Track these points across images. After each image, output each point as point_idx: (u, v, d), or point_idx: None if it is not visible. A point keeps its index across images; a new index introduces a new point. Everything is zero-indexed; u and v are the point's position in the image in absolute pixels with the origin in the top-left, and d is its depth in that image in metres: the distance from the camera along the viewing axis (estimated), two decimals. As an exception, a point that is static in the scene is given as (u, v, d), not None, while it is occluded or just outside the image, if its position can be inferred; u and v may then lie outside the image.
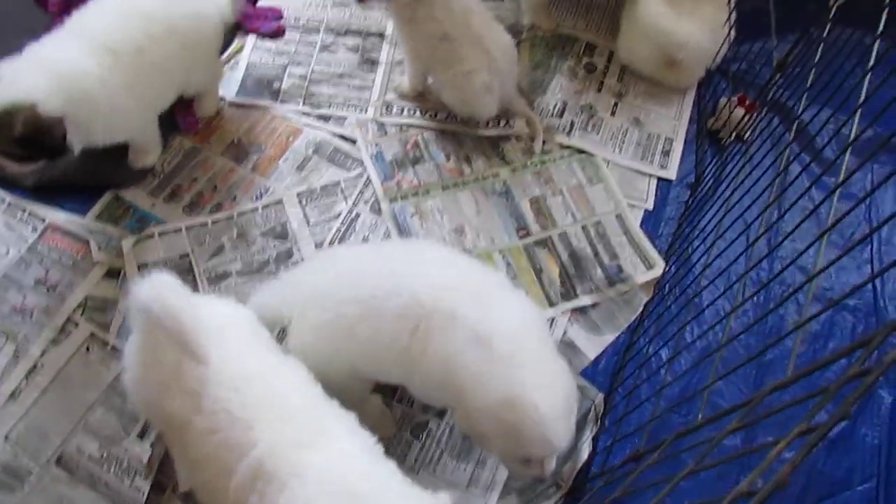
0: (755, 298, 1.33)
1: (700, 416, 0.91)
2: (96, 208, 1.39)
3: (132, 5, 1.25)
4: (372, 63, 1.60)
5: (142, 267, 1.32)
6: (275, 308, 1.09)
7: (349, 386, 1.02)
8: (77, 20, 1.23)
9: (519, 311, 0.97)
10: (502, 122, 1.52)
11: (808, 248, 0.79)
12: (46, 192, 1.39)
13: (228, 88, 1.54)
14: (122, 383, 1.04)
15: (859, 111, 0.87)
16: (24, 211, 1.37)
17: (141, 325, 0.94)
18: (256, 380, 0.89)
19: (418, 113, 1.54)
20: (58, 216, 1.37)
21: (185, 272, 1.32)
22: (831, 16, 1.14)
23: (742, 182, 1.17)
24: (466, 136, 1.51)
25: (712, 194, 1.34)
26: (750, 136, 1.41)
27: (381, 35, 1.64)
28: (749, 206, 1.10)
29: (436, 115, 1.53)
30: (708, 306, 1.28)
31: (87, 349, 1.25)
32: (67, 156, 1.26)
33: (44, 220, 1.37)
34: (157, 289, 0.90)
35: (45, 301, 1.29)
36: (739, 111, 1.43)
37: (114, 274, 1.32)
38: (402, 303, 0.95)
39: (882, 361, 0.43)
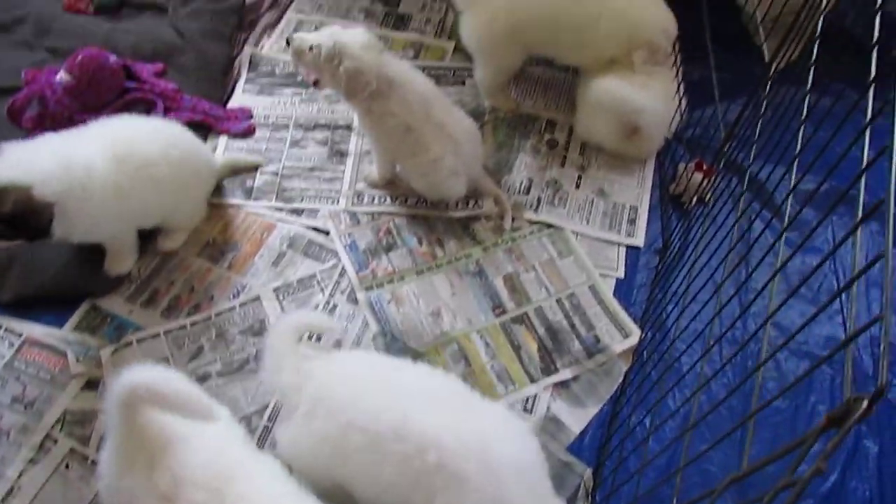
0: (733, 358, 1.35)
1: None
2: (74, 319, 1.40)
3: (156, 128, 1.39)
4: (341, 154, 1.66)
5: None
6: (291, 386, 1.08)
7: (333, 495, 1.02)
8: (102, 125, 1.35)
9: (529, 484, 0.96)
10: (471, 203, 1.58)
11: (779, 307, 0.82)
12: (24, 305, 1.41)
13: (202, 189, 1.59)
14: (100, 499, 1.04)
15: (804, 163, 0.92)
16: (0, 327, 1.39)
17: (115, 428, 0.95)
18: (234, 481, 0.89)
19: (389, 200, 1.59)
20: (35, 329, 1.39)
21: (165, 377, 1.32)
22: (770, 77, 1.21)
23: (708, 244, 1.22)
24: (437, 219, 1.56)
25: (680, 258, 1.39)
26: (711, 198, 1.46)
27: (349, 127, 1.71)
28: (717, 267, 1.13)
29: (406, 201, 1.58)
30: (688, 371, 1.30)
31: (67, 466, 1.24)
32: (45, 270, 1.30)
33: (21, 335, 1.38)
34: (142, 370, 0.92)
35: (23, 419, 1.28)
36: (698, 176, 1.50)
37: (93, 385, 1.32)
38: (408, 451, 0.94)
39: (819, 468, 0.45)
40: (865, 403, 0.48)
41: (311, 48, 1.36)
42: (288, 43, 1.40)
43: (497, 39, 1.60)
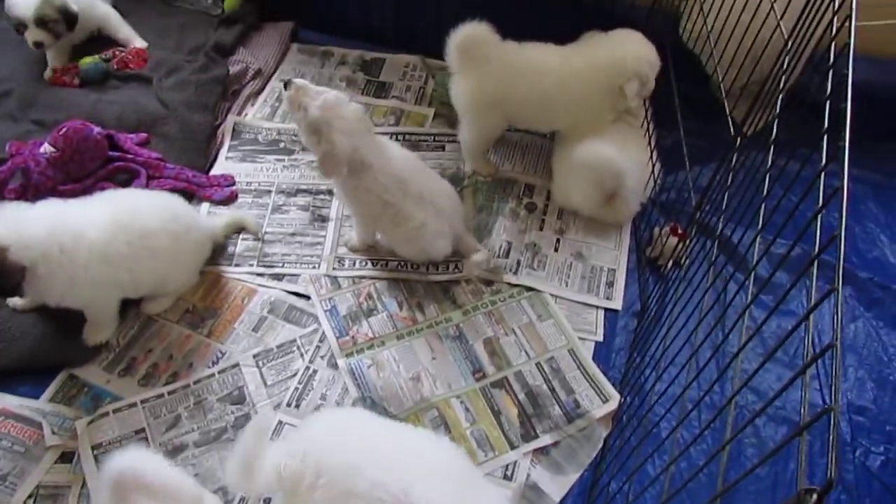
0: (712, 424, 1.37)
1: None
2: (50, 389, 1.41)
3: (160, 201, 1.46)
4: (322, 219, 1.71)
5: (96, 447, 1.33)
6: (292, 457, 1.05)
7: None
8: (107, 196, 1.45)
9: None
10: (451, 267, 1.61)
11: (756, 371, 0.85)
12: (0, 377, 1.42)
13: (183, 256, 1.62)
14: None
15: (774, 225, 0.96)
16: (-25, 400, 1.39)
17: None
18: None
19: (370, 264, 1.62)
20: (10, 401, 1.39)
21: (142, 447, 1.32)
22: (738, 142, 1.27)
23: (684, 307, 1.25)
24: (418, 282, 1.59)
25: (658, 321, 1.42)
26: (686, 261, 1.51)
27: (330, 192, 1.76)
28: (693, 330, 1.17)
29: (387, 265, 1.62)
30: (667, 437, 1.31)
31: (35, 543, 1.23)
32: (23, 339, 1.32)
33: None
34: (130, 457, 0.93)
35: (-4, 495, 1.28)
36: (673, 240, 1.55)
37: (67, 457, 1.32)
38: None
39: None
40: (815, 497, 0.51)
41: (301, 107, 1.41)
42: (286, 86, 1.45)
43: (482, 106, 1.68)
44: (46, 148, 1.61)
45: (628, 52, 1.59)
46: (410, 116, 1.97)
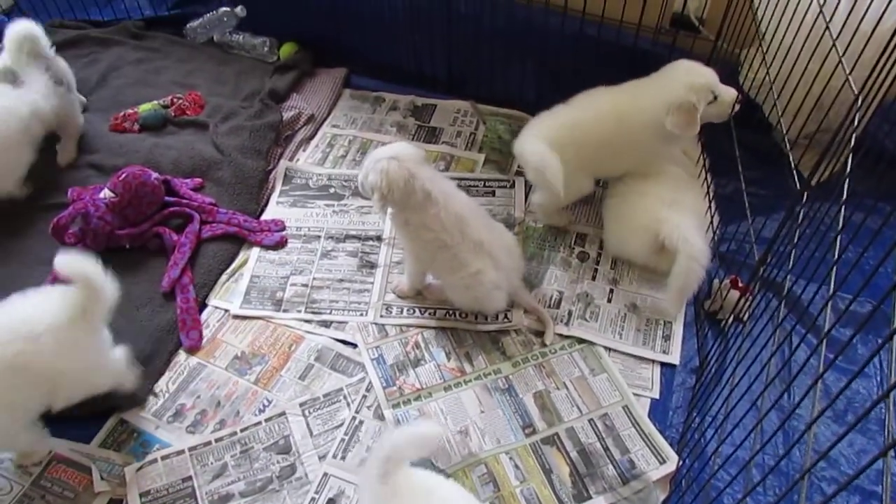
0: (776, 488, 1.32)
1: None
2: (101, 434, 1.45)
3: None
4: (371, 266, 1.73)
5: (144, 495, 1.35)
6: None
7: None
8: None
9: None
10: (500, 317, 1.61)
11: (833, 445, 0.81)
12: (53, 421, 1.46)
13: (233, 301, 1.66)
14: None
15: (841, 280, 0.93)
16: (29, 442, 1.44)
17: None
18: None
19: (417, 312, 1.64)
20: (62, 446, 1.43)
21: (189, 498, 1.35)
22: (806, 193, 1.24)
23: (748, 366, 1.22)
24: (466, 332, 1.60)
25: (718, 379, 1.39)
26: (748, 316, 1.47)
27: (379, 238, 1.79)
28: (758, 391, 1.13)
29: (435, 313, 1.63)
30: (730, 504, 1.27)
31: (83, 591, 1.25)
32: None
33: (49, 452, 1.42)
34: None
35: (44, 540, 1.31)
36: (734, 294, 1.51)
37: (115, 503, 1.35)
38: None
39: None
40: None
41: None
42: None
43: (567, 171, 1.60)
44: (106, 193, 1.69)
45: (674, 81, 1.57)
46: (461, 162, 2.00)
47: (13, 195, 1.79)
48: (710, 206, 1.61)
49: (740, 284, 1.51)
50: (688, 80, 1.55)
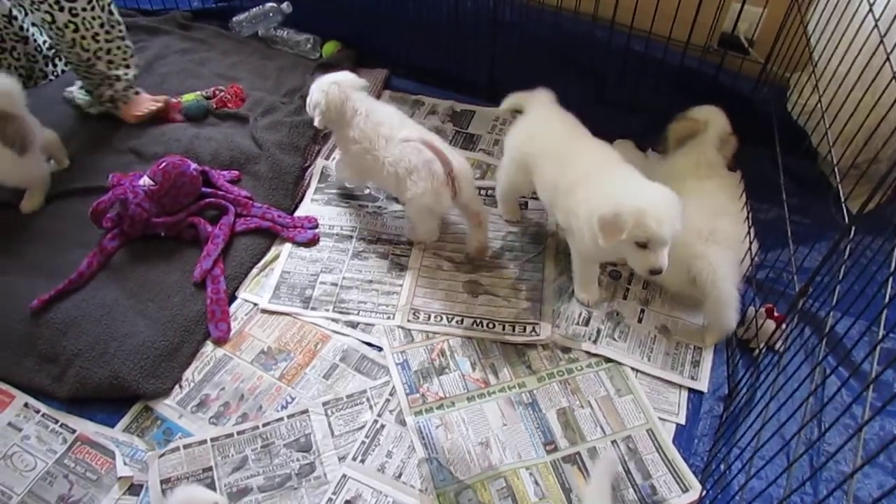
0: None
1: None
2: (125, 419, 1.47)
3: None
4: (401, 269, 1.74)
5: (165, 482, 1.36)
6: None
7: None
8: None
9: None
10: (528, 329, 1.60)
11: (852, 473, 0.79)
12: (80, 403, 1.49)
13: (262, 295, 1.68)
14: None
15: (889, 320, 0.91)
16: (56, 422, 1.46)
17: None
18: None
19: (444, 319, 1.63)
20: (88, 427, 1.46)
21: (207, 487, 1.35)
22: (853, 225, 1.21)
23: (777, 396, 1.20)
24: (493, 343, 1.59)
25: (747, 409, 1.36)
26: (782, 347, 1.44)
27: (411, 243, 1.79)
28: (786, 422, 1.11)
29: (462, 322, 1.62)
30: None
31: (100, 574, 1.27)
32: (106, 367, 1.38)
33: (74, 432, 1.45)
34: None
35: (65, 520, 1.33)
36: (770, 324, 1.48)
37: (136, 490, 1.37)
38: None
39: None
40: None
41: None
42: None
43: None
44: (145, 180, 1.71)
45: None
46: (496, 171, 1.99)
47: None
48: (749, 231, 1.58)
49: (776, 314, 1.48)
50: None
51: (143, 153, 1.93)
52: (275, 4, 2.33)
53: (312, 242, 1.79)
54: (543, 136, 1.63)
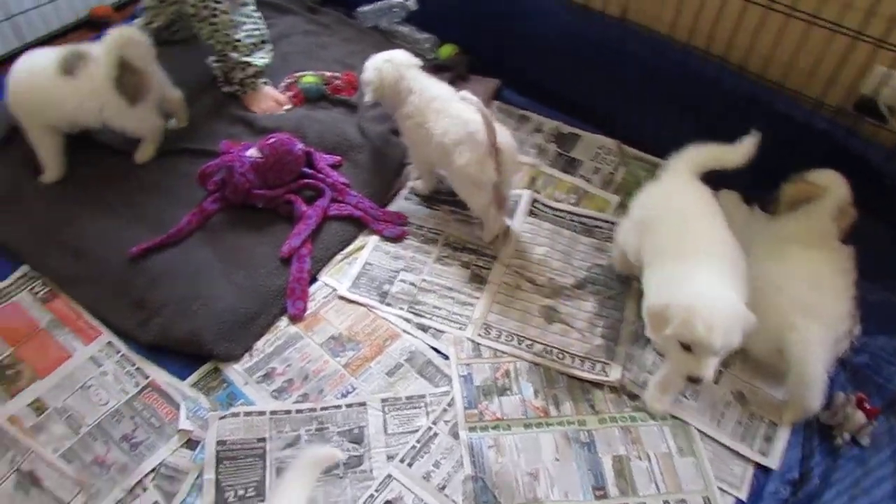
0: None
1: None
2: (195, 375, 1.54)
3: None
4: (481, 281, 1.73)
5: (220, 444, 1.41)
6: None
7: None
8: None
9: None
10: (597, 367, 1.56)
11: None
12: (158, 351, 1.56)
13: (342, 282, 1.71)
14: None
15: None
16: (133, 365, 1.54)
17: None
18: None
19: (516, 340, 1.62)
20: (161, 376, 1.53)
21: (258, 459, 1.39)
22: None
23: (855, 494, 1.12)
24: (560, 374, 1.56)
25: (817, 500, 1.28)
26: (868, 442, 1.35)
27: (494, 257, 1.78)
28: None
29: (532, 346, 1.60)
30: None
31: (147, 518, 1.32)
32: (186, 322, 1.45)
33: (147, 377, 1.52)
34: None
35: (125, 459, 1.40)
36: (859, 416, 1.39)
37: (192, 445, 1.42)
38: None
39: None
40: None
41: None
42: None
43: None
44: (253, 153, 1.78)
45: None
46: (593, 199, 1.96)
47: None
48: (851, 312, 1.49)
49: (868, 406, 1.39)
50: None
51: (255, 126, 2.01)
52: (401, 0, 2.37)
53: (399, 239, 1.81)
54: (667, 203, 1.56)
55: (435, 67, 2.25)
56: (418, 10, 2.37)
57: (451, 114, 1.69)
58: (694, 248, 1.42)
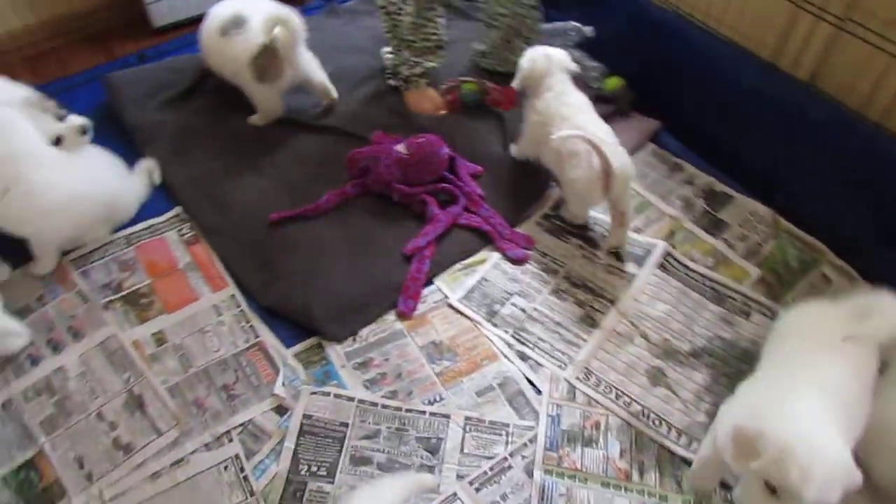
0: None
1: None
2: (299, 346, 1.60)
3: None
4: (592, 324, 1.68)
5: (306, 417, 1.47)
6: None
7: None
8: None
9: None
10: (695, 445, 1.47)
11: None
12: (272, 314, 1.65)
13: (455, 291, 1.72)
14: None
15: None
16: (248, 322, 1.64)
17: None
18: None
19: (615, 393, 1.55)
20: (269, 338, 1.61)
21: (336, 442, 1.44)
22: None
23: None
24: (653, 442, 1.48)
25: None
26: None
27: (613, 301, 1.72)
28: None
29: (630, 405, 1.53)
30: None
31: (226, 468, 1.40)
32: (305, 295, 1.52)
33: (257, 337, 1.61)
34: None
35: (220, 407, 1.49)
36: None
37: (281, 411, 1.49)
38: None
39: None
40: None
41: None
42: None
43: None
44: (400, 148, 1.83)
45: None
46: (730, 267, 1.83)
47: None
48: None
49: None
50: None
51: (409, 122, 2.06)
52: (578, 25, 2.34)
53: (520, 262, 1.79)
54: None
55: (597, 98, 2.20)
56: (593, 39, 2.33)
57: (576, 124, 1.73)
58: (813, 374, 1.27)
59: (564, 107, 1.79)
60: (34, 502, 1.35)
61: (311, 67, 2.04)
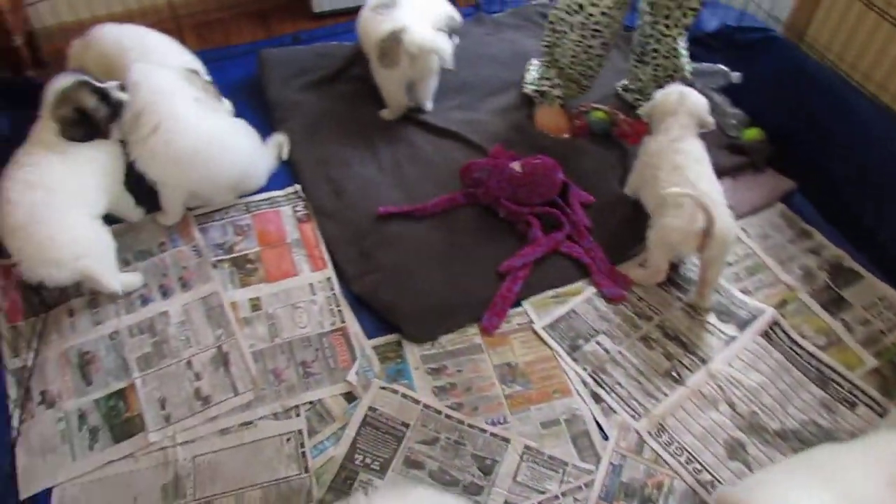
0: None
1: None
2: (379, 340, 1.65)
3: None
4: (676, 380, 1.60)
5: (371, 409, 1.50)
6: None
7: None
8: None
9: None
10: (762, 533, 1.36)
11: None
12: (362, 303, 1.70)
13: (542, 318, 1.69)
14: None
15: None
16: (337, 306, 1.70)
17: None
18: None
19: (686, 456, 1.47)
20: (353, 326, 1.66)
21: (394, 440, 1.46)
22: None
23: None
24: (716, 516, 1.39)
25: None
26: None
27: (704, 360, 1.63)
28: None
29: (700, 472, 1.45)
30: None
31: (288, 440, 1.46)
32: (394, 293, 1.57)
33: (343, 322, 1.66)
34: None
35: (295, 381, 1.56)
36: None
37: (350, 398, 1.53)
38: None
39: None
40: None
41: None
42: None
43: None
44: (515, 166, 1.83)
45: None
46: (843, 351, 1.68)
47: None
48: None
49: None
50: None
51: (530, 140, 2.05)
52: (726, 69, 2.23)
53: (615, 300, 1.74)
54: None
55: (732, 147, 2.10)
56: (739, 86, 2.22)
57: (687, 177, 1.65)
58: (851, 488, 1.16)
59: (678, 154, 1.70)
60: (116, 429, 1.47)
61: (428, 82, 2.10)
